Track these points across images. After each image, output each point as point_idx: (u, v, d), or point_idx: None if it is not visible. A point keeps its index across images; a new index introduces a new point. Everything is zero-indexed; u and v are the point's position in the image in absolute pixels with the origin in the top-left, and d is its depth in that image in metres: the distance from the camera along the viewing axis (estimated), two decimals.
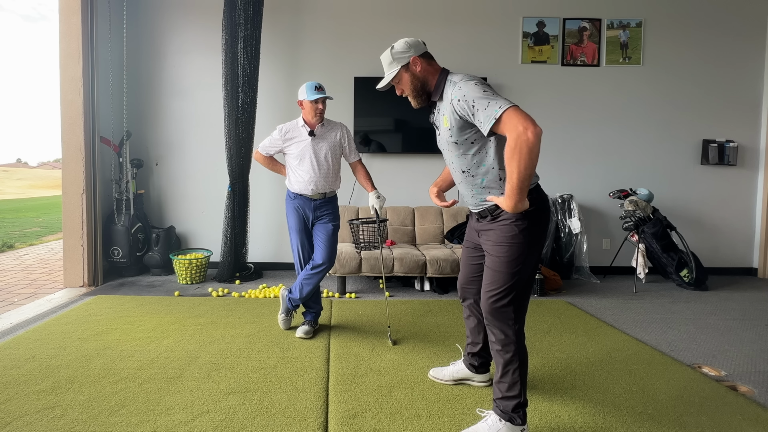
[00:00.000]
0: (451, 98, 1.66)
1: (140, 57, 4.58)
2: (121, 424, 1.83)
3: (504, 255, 1.68)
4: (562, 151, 4.70)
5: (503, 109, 1.51)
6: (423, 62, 1.79)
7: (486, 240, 1.77)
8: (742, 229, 4.78)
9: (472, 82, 1.63)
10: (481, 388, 2.17)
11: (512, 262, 1.67)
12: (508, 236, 1.68)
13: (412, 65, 1.79)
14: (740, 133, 4.71)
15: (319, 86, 2.70)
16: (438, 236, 4.42)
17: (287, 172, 2.87)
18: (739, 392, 2.17)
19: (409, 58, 1.79)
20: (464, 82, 1.65)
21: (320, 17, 4.60)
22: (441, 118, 1.77)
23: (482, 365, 2.17)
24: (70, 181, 3.91)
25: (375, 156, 4.66)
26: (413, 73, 1.79)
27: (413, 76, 1.80)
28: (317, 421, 1.87)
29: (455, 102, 1.64)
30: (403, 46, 1.80)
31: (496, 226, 1.71)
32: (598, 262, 4.71)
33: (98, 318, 3.10)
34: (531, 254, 1.69)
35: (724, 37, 4.65)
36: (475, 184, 1.75)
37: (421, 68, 1.79)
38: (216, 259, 4.45)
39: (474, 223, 1.90)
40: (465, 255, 2.03)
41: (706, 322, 3.26)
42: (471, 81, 1.64)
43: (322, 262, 2.75)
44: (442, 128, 1.77)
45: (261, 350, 2.60)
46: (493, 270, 1.72)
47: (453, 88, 1.66)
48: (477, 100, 1.58)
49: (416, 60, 1.79)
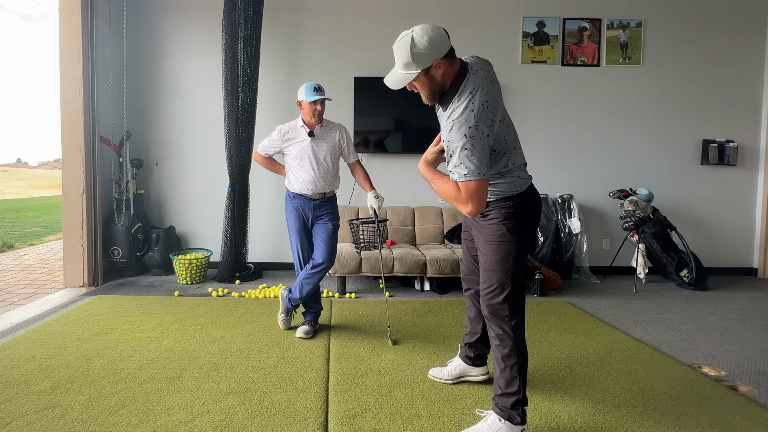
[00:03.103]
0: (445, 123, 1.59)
1: (140, 57, 4.58)
2: (121, 424, 1.83)
3: (494, 253, 1.73)
4: (562, 151, 4.70)
5: (461, 179, 1.53)
6: (445, 64, 1.58)
7: (478, 236, 1.83)
8: (742, 229, 4.78)
9: (464, 129, 1.51)
10: (480, 386, 2.17)
11: (502, 260, 1.72)
12: (497, 235, 1.72)
13: (434, 69, 1.58)
14: (740, 133, 4.70)
15: (318, 87, 2.71)
16: (438, 236, 4.42)
17: (287, 172, 2.87)
18: (739, 392, 2.17)
19: (432, 61, 1.56)
20: (459, 125, 1.53)
21: (320, 17, 4.60)
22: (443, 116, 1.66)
23: (478, 357, 2.19)
24: (70, 181, 3.91)
25: (375, 156, 4.66)
26: (433, 77, 1.60)
27: (432, 80, 1.60)
28: (317, 421, 1.87)
29: (446, 130, 1.58)
30: (426, 46, 1.53)
31: (486, 224, 1.76)
32: (598, 262, 4.71)
33: (98, 318, 3.09)
34: (520, 251, 1.73)
35: (724, 36, 4.65)
36: None
37: (443, 72, 1.59)
38: (216, 259, 4.45)
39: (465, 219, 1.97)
40: (464, 247, 2.09)
41: (706, 322, 3.26)
42: (464, 127, 1.52)
43: (322, 262, 2.76)
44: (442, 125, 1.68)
45: (261, 350, 2.60)
46: (486, 269, 1.76)
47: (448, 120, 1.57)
48: (455, 153, 1.53)
49: (440, 64, 1.57)
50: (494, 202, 1.73)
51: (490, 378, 2.20)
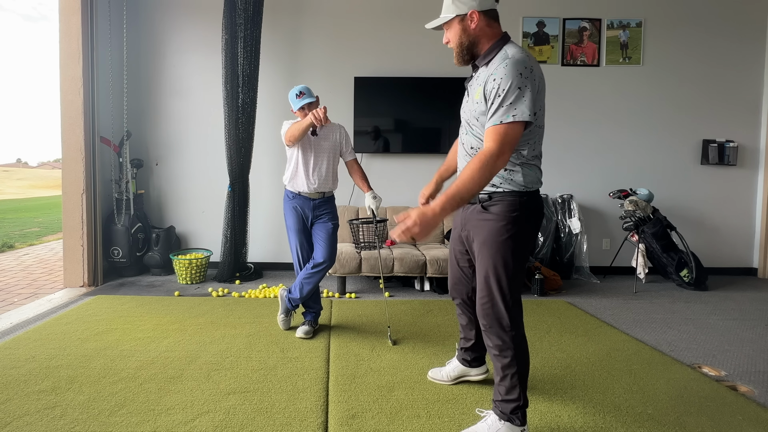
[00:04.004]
0: (493, 71, 1.53)
1: (140, 57, 4.58)
2: (121, 424, 1.83)
3: (492, 259, 1.64)
4: (562, 151, 4.70)
5: (508, 120, 1.48)
6: (482, 20, 1.58)
7: (475, 235, 1.71)
8: (742, 229, 4.78)
9: (520, 68, 1.49)
10: (480, 386, 2.17)
11: (501, 267, 1.63)
12: (497, 241, 1.63)
13: (468, 18, 1.58)
14: (740, 133, 4.70)
15: (300, 92, 2.71)
16: (438, 236, 4.42)
17: (287, 169, 2.88)
18: (739, 392, 2.17)
19: (470, 8, 1.57)
20: (513, 63, 1.50)
21: (320, 17, 4.60)
22: (476, 87, 1.62)
23: (475, 359, 2.17)
24: (70, 181, 3.91)
25: (375, 156, 4.66)
26: (465, 28, 1.59)
27: (464, 31, 1.60)
28: (317, 421, 1.87)
29: (491, 79, 1.53)
30: None
31: (487, 221, 1.66)
32: (598, 262, 4.71)
33: (98, 318, 3.09)
34: (520, 259, 1.65)
35: (724, 37, 4.65)
36: None
37: (477, 26, 1.58)
38: (216, 259, 4.45)
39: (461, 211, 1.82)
40: (451, 257, 1.98)
41: (706, 322, 3.26)
42: (520, 65, 1.49)
43: (323, 261, 2.76)
44: (471, 98, 1.66)
45: (261, 350, 2.60)
46: (483, 276, 1.68)
47: (501, 63, 1.52)
48: (504, 93, 1.48)
49: (475, 14, 1.57)
50: (501, 193, 1.63)
51: (490, 377, 2.19)
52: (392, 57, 4.62)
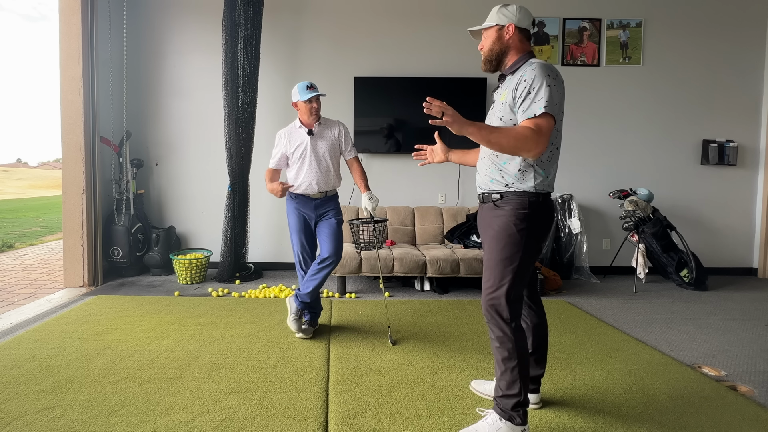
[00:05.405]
0: (522, 73, 1.70)
1: (140, 57, 4.58)
2: (121, 424, 1.83)
3: (500, 252, 1.71)
4: (562, 151, 4.60)
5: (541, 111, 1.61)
6: (516, 34, 1.79)
7: (486, 231, 1.80)
8: (742, 229, 4.78)
9: (548, 71, 1.67)
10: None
11: (508, 260, 1.70)
12: (506, 234, 1.70)
13: (505, 30, 1.79)
14: (740, 133, 4.70)
15: (310, 85, 2.71)
16: (438, 236, 4.42)
17: (288, 172, 2.87)
18: (739, 392, 2.17)
19: (509, 21, 1.78)
20: (542, 66, 1.68)
21: (320, 17, 4.60)
22: (501, 92, 1.79)
23: (532, 380, 1.95)
24: (70, 181, 3.91)
25: (375, 156, 4.66)
26: (500, 37, 1.79)
27: (499, 40, 1.80)
28: (317, 421, 1.87)
29: (522, 80, 1.68)
30: (514, 9, 1.79)
31: (497, 217, 1.74)
32: (598, 262, 4.71)
33: (98, 318, 3.09)
34: (527, 255, 1.71)
35: (724, 37, 4.65)
36: (495, 163, 1.77)
37: (510, 37, 1.78)
38: (216, 259, 4.45)
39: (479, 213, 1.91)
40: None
41: (706, 322, 3.26)
42: (548, 69, 1.68)
43: (329, 256, 2.74)
44: (497, 103, 1.80)
45: (261, 350, 2.60)
46: (489, 267, 1.75)
47: (529, 66, 1.70)
48: (536, 90, 1.63)
49: (511, 27, 1.78)
50: (513, 193, 1.72)
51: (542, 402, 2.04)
52: (392, 57, 4.62)
